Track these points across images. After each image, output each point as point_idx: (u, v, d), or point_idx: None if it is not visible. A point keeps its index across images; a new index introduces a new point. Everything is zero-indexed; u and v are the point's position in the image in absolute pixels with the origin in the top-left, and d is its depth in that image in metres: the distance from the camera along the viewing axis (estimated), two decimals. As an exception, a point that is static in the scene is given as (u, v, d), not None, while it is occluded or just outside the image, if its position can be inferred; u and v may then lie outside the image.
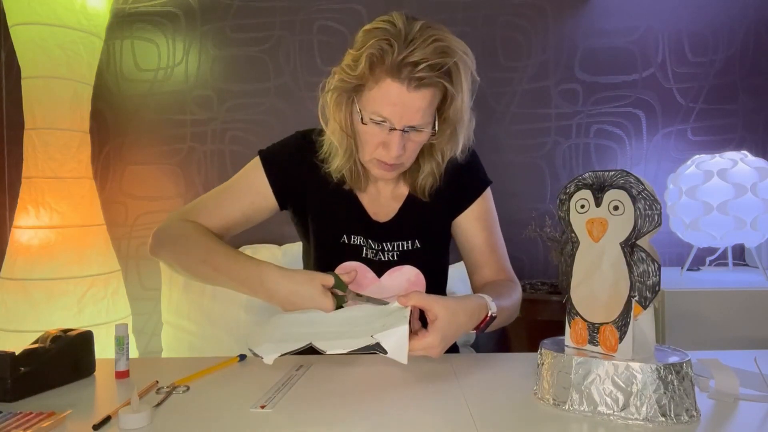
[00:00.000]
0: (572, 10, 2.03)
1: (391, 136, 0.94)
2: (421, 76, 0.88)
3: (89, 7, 1.72)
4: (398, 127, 0.93)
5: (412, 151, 0.99)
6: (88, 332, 0.86)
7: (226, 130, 2.04)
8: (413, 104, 0.91)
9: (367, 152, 0.98)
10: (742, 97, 2.04)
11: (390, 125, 0.93)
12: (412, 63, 0.87)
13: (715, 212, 1.60)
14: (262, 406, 0.71)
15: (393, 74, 0.89)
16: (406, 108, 0.91)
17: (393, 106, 0.91)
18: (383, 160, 0.97)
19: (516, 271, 1.14)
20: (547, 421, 0.67)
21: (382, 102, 0.91)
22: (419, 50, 0.87)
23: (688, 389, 0.66)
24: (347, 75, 0.93)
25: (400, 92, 0.90)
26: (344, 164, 1.03)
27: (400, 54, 0.87)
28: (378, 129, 0.94)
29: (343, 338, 0.79)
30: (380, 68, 0.90)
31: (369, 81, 0.92)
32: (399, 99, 0.90)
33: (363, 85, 0.93)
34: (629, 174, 0.69)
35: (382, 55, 0.89)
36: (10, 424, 0.65)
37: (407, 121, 0.93)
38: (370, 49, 0.89)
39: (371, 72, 0.91)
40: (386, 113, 0.92)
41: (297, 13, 2.03)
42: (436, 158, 1.05)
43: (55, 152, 1.70)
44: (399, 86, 0.89)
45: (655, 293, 0.67)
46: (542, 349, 0.75)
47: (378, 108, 0.92)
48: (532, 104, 2.03)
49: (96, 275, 1.73)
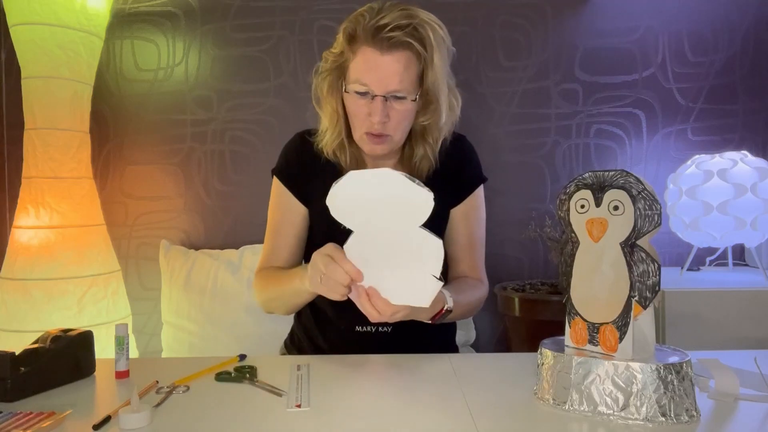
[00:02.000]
0: (572, 10, 2.03)
1: (373, 104, 1.00)
2: (391, 36, 0.96)
3: (89, 7, 1.72)
4: (378, 93, 0.99)
5: (396, 121, 1.02)
6: (88, 332, 0.86)
7: (226, 130, 2.04)
8: (389, 67, 0.98)
9: (357, 128, 1.04)
10: (742, 97, 2.04)
11: (371, 92, 0.99)
12: (381, 26, 0.96)
13: (715, 212, 1.60)
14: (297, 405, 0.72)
15: (367, 40, 0.97)
16: (382, 71, 0.98)
17: (370, 71, 0.98)
18: (370, 131, 1.02)
19: (516, 271, 1.15)
20: (547, 421, 0.67)
21: (362, 69, 0.99)
22: (387, 15, 0.96)
23: (688, 389, 0.66)
24: (332, 55, 1.03)
25: (374, 56, 0.97)
26: (333, 140, 1.08)
27: (371, 20, 0.97)
28: (363, 101, 1.00)
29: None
30: (356, 39, 0.99)
31: (349, 54, 1.01)
32: (375, 63, 0.98)
33: (346, 62, 1.01)
34: (629, 174, 0.69)
35: (355, 27, 0.99)
36: (10, 424, 0.65)
37: (386, 85, 0.98)
38: (346, 23, 1.00)
39: (350, 45, 1.00)
40: (366, 79, 0.98)
41: (297, 13, 2.03)
42: (427, 140, 1.09)
43: (55, 152, 1.70)
44: (373, 50, 0.97)
45: (655, 293, 0.67)
46: (542, 349, 0.75)
47: (359, 76, 0.99)
48: (532, 104, 2.03)
49: (96, 275, 1.73)
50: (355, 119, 1.04)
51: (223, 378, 0.83)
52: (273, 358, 1.00)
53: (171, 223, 2.04)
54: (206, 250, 1.93)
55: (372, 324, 1.09)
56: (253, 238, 1.96)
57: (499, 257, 1.18)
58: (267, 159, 1.99)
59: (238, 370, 0.84)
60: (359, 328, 1.09)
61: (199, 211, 2.04)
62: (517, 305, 1.67)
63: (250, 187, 2.03)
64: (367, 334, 1.09)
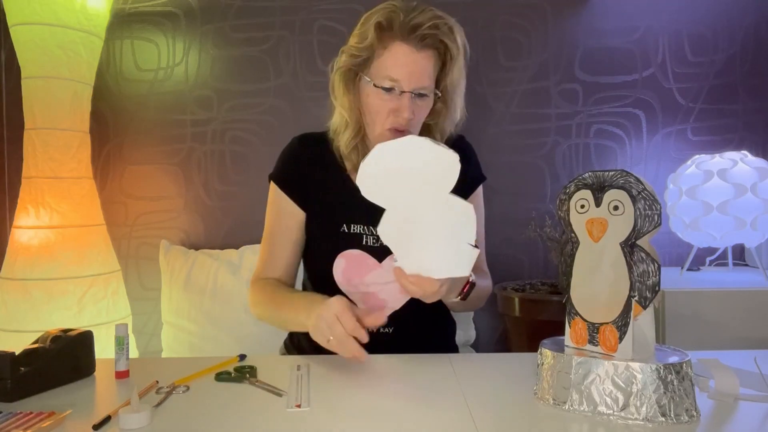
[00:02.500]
0: (572, 10, 2.03)
1: (401, 100, 1.00)
2: (426, 34, 0.97)
3: (89, 7, 1.72)
4: (407, 89, 0.99)
5: (418, 119, 1.04)
6: (88, 332, 0.86)
7: (226, 130, 2.04)
8: (421, 64, 0.99)
9: (378, 123, 1.03)
10: (742, 97, 2.04)
11: (400, 88, 0.99)
12: (417, 24, 0.97)
13: (715, 212, 1.60)
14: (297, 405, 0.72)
15: (402, 36, 0.98)
16: (415, 68, 0.99)
17: (403, 66, 0.99)
18: (395, 127, 1.02)
19: (516, 271, 1.15)
20: (547, 421, 0.67)
21: (394, 65, 0.99)
22: (421, 15, 0.98)
23: (688, 389, 0.66)
24: (356, 49, 1.01)
25: (409, 52, 0.98)
26: (351, 140, 1.07)
27: (406, 17, 0.97)
28: (388, 96, 1.01)
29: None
30: (389, 34, 0.99)
31: (378, 49, 1.00)
32: (408, 59, 0.98)
33: (370, 57, 1.01)
34: (629, 174, 0.69)
35: (389, 22, 0.98)
36: (10, 424, 0.65)
37: (416, 82, 1.00)
38: (378, 18, 0.99)
39: (380, 40, 0.99)
40: (397, 74, 0.99)
41: (297, 13, 2.03)
42: (434, 136, 1.11)
43: (55, 152, 1.70)
44: (407, 47, 0.98)
45: (655, 293, 0.67)
46: (542, 349, 0.75)
47: (389, 71, 0.99)
48: (532, 104, 2.03)
49: (96, 275, 1.73)
50: (376, 115, 1.03)
51: (223, 378, 0.83)
52: (273, 358, 1.00)
53: (171, 223, 2.04)
54: (206, 250, 1.93)
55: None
56: (253, 238, 1.95)
57: (499, 257, 1.18)
58: (267, 159, 1.98)
59: (238, 370, 0.84)
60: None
61: (199, 211, 2.04)
62: (517, 305, 1.67)
63: (250, 187, 2.03)
64: (369, 335, 1.09)
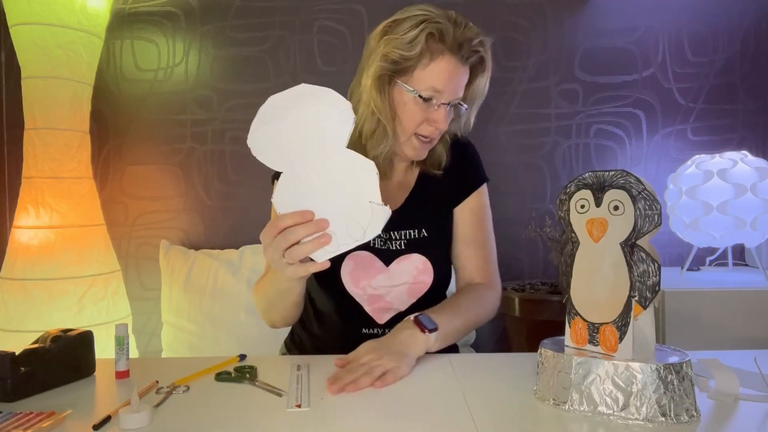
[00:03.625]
0: (572, 10, 2.03)
1: (439, 111, 1.01)
2: (476, 50, 1.00)
3: (89, 7, 1.72)
4: (447, 101, 1.01)
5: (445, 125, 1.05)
6: (88, 332, 0.86)
7: (226, 130, 2.04)
8: (463, 78, 1.02)
9: (408, 130, 1.03)
10: (742, 97, 2.04)
11: (439, 100, 1.00)
12: (467, 39, 0.98)
13: (715, 212, 1.60)
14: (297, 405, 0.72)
15: (453, 50, 0.98)
16: (459, 81, 1.01)
17: (449, 79, 0.99)
18: (426, 134, 1.03)
19: (516, 271, 1.14)
20: (547, 421, 0.67)
21: (440, 76, 0.99)
22: (469, 30, 0.99)
23: (688, 389, 0.66)
24: (401, 56, 0.99)
25: (456, 66, 1.00)
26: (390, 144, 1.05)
27: (458, 30, 0.98)
28: (425, 105, 1.01)
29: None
30: (439, 45, 0.98)
31: (424, 59, 0.99)
32: (455, 72, 1.00)
33: (413, 65, 1.00)
34: (629, 174, 0.69)
35: (441, 34, 0.97)
36: (10, 424, 0.65)
37: (456, 94, 1.02)
38: (429, 29, 0.97)
39: (430, 50, 0.98)
40: (441, 86, 0.99)
41: (297, 13, 2.03)
42: (445, 136, 1.13)
43: (55, 152, 1.70)
44: (456, 61, 0.99)
45: (655, 293, 0.67)
46: (542, 349, 0.75)
47: (434, 82, 0.99)
48: (532, 104, 2.03)
49: (96, 275, 1.73)
50: (410, 122, 1.02)
51: (223, 378, 0.83)
52: (273, 358, 1.00)
53: (171, 223, 2.04)
54: (206, 250, 1.93)
55: (379, 326, 1.09)
56: (253, 238, 1.95)
57: (499, 257, 1.17)
58: (267, 159, 1.99)
59: (238, 370, 0.84)
60: (365, 330, 1.09)
61: (199, 211, 2.04)
62: (517, 305, 1.67)
63: (250, 187, 2.03)
64: (371, 336, 1.09)
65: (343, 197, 0.77)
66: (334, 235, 0.77)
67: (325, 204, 0.77)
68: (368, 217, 0.76)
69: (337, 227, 0.77)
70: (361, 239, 0.77)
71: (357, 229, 0.76)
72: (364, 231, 0.76)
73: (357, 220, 0.76)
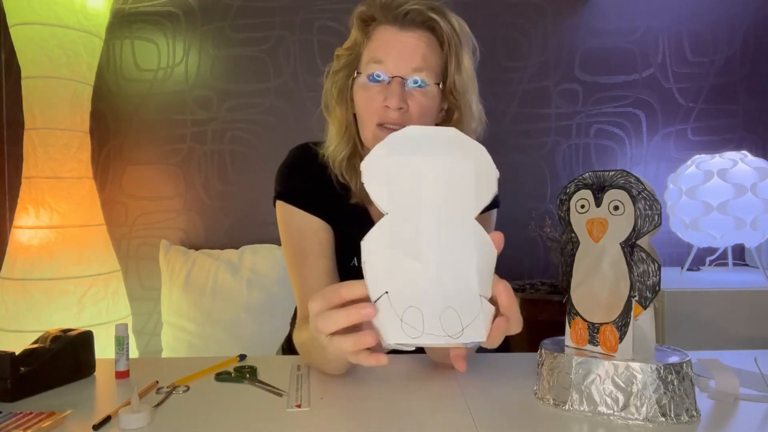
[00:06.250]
0: (572, 10, 2.03)
1: (390, 87, 0.88)
2: (409, 10, 0.88)
3: (89, 7, 1.72)
4: (396, 72, 0.88)
5: (417, 113, 0.89)
6: (88, 332, 0.86)
7: (226, 130, 2.04)
8: (408, 43, 0.89)
9: (368, 123, 0.91)
10: (742, 97, 2.04)
11: (388, 73, 0.88)
12: (399, 4, 0.89)
13: (715, 212, 1.60)
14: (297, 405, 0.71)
15: (388, 20, 0.90)
16: (402, 47, 0.89)
17: (387, 45, 0.89)
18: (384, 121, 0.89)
19: (516, 271, 1.14)
20: (547, 421, 0.67)
21: (377, 48, 0.90)
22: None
23: (688, 389, 0.66)
24: (344, 49, 0.95)
25: (392, 32, 0.90)
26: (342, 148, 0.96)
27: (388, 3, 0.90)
28: (378, 87, 0.89)
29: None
30: (373, 23, 0.92)
31: (363, 40, 0.93)
32: (393, 38, 0.89)
33: (359, 53, 0.93)
34: (629, 174, 0.69)
35: (369, 11, 0.92)
36: (10, 424, 0.65)
37: (407, 63, 0.88)
38: (359, 9, 0.93)
39: (363, 31, 0.93)
40: (382, 55, 0.89)
41: (297, 13, 2.03)
42: None
43: (55, 152, 1.70)
44: (390, 27, 0.90)
45: (655, 293, 0.67)
46: (542, 349, 0.75)
47: (374, 54, 0.90)
48: (532, 104, 2.03)
49: (96, 275, 1.73)
50: (365, 113, 0.91)
51: (223, 378, 0.83)
52: (273, 358, 0.99)
53: (171, 223, 2.04)
54: (206, 250, 1.93)
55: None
56: (253, 238, 1.96)
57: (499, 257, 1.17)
58: (267, 159, 1.99)
59: (238, 370, 0.84)
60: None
61: (199, 211, 2.04)
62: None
63: (250, 187, 2.03)
64: None
65: (449, 275, 0.57)
66: (421, 319, 0.56)
67: (426, 274, 0.57)
68: (473, 314, 0.56)
69: (428, 309, 0.56)
70: (454, 339, 0.55)
71: (454, 323, 0.55)
72: (462, 329, 0.55)
73: (458, 311, 0.56)
